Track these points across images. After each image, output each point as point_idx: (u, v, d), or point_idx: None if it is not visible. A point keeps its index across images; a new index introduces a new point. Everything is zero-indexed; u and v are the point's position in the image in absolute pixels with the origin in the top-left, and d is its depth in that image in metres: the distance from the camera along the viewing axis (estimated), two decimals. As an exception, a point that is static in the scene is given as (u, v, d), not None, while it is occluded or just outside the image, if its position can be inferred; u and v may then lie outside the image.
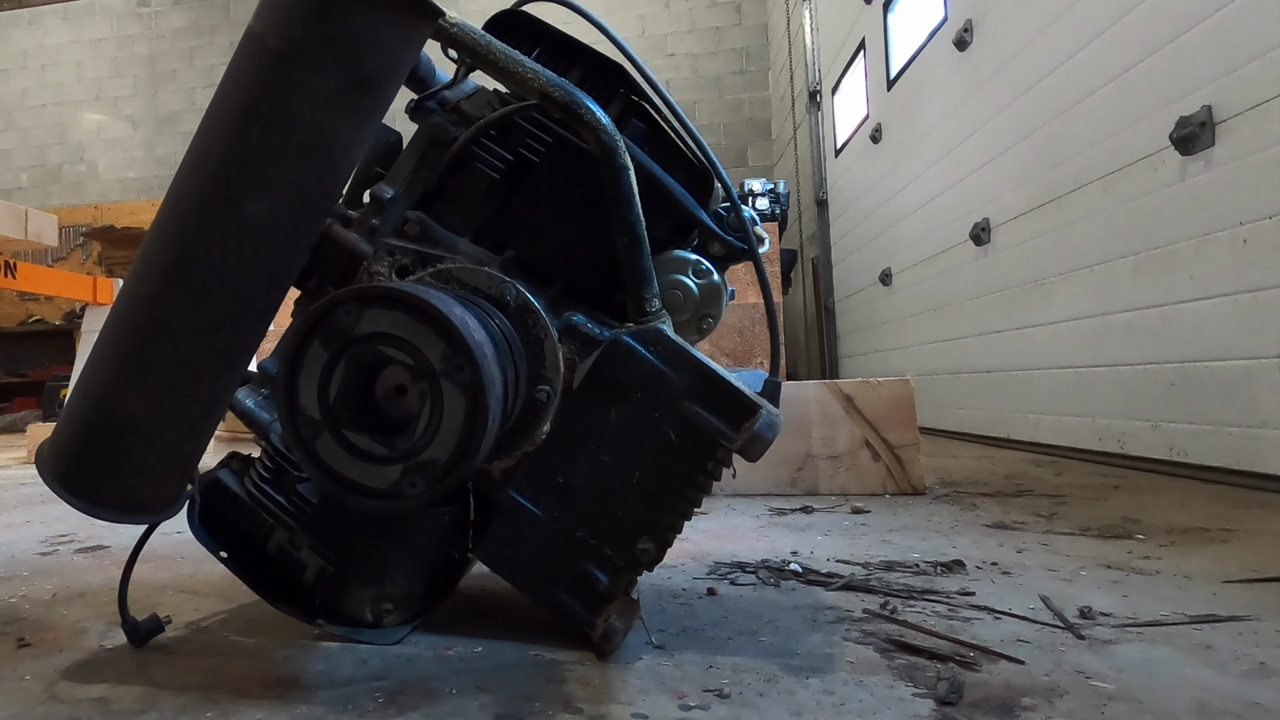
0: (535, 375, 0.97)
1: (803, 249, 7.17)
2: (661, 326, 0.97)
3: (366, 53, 0.86)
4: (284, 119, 0.85)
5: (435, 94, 1.03)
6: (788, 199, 6.63)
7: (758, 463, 0.95)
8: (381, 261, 1.00)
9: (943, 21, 4.15)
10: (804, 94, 6.74)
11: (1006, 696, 0.84)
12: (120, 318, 0.91)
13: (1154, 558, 1.43)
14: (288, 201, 0.87)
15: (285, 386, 0.82)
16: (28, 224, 4.02)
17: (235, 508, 1.05)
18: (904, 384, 2.25)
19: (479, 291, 0.97)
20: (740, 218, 1.04)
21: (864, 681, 0.88)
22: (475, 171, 1.01)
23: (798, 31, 6.83)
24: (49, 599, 1.28)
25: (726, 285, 1.05)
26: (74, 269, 8.52)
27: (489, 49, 0.92)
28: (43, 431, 3.79)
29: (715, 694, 0.86)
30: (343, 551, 1.01)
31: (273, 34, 0.84)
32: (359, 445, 0.81)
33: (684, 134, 1.01)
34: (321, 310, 0.80)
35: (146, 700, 0.86)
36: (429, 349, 0.79)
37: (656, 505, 0.95)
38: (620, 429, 0.95)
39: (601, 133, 0.91)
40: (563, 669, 0.94)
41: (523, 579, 1.00)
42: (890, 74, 5.02)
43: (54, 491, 0.90)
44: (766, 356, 3.59)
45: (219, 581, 1.34)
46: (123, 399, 0.89)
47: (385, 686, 0.89)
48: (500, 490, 0.98)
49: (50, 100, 9.36)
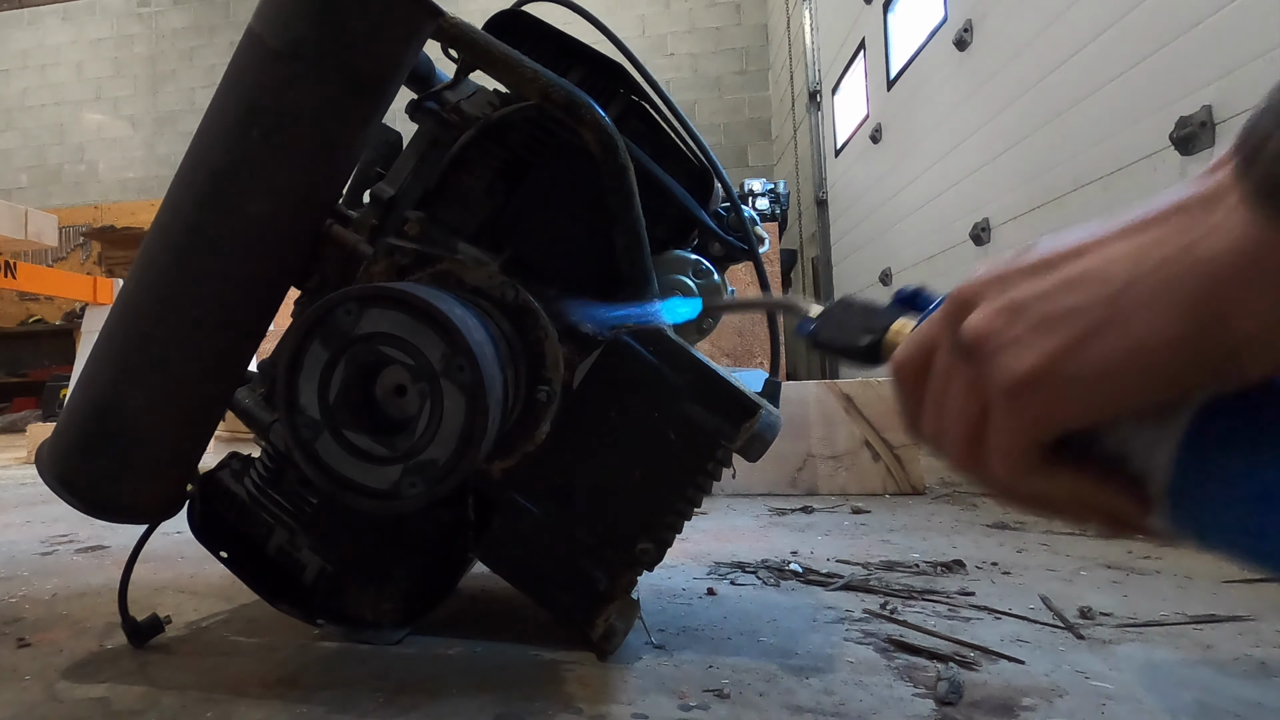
0: (535, 375, 0.97)
1: (803, 249, 7.17)
2: (662, 327, 0.97)
3: (367, 53, 0.86)
4: (284, 119, 0.85)
5: (435, 94, 1.03)
6: (788, 199, 6.63)
7: (758, 463, 0.95)
8: (381, 261, 1.00)
9: (943, 21, 4.15)
10: (804, 94, 6.74)
11: (1006, 696, 0.84)
12: (120, 318, 0.91)
13: (1154, 557, 1.43)
14: (288, 201, 0.87)
15: (285, 386, 0.82)
16: (28, 224, 4.02)
17: (235, 508, 1.05)
18: (904, 384, 2.24)
19: (479, 292, 0.97)
20: (740, 218, 1.04)
21: (864, 681, 0.88)
22: (475, 171, 1.01)
23: (798, 31, 6.83)
24: (49, 599, 1.28)
25: (726, 285, 1.05)
26: (74, 269, 8.52)
27: (489, 49, 0.92)
28: (43, 431, 3.79)
29: (715, 694, 0.86)
30: (343, 551, 1.01)
31: (273, 34, 0.84)
32: (359, 445, 0.81)
33: (684, 134, 1.01)
34: (321, 310, 0.80)
35: (146, 700, 0.86)
36: (429, 349, 0.79)
37: (656, 505, 0.95)
38: (620, 429, 0.95)
39: (601, 133, 0.91)
40: (563, 669, 0.94)
41: (522, 579, 1.00)
42: (890, 74, 5.02)
43: (54, 492, 0.90)
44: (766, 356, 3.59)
45: (219, 581, 1.34)
46: (123, 399, 0.89)
47: (385, 686, 0.89)
48: (500, 490, 0.98)
49: (50, 100, 9.36)
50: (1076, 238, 0.33)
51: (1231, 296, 0.27)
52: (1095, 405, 0.31)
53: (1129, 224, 0.31)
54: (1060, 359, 0.31)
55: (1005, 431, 0.33)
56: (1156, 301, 0.29)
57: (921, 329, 0.38)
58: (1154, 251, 0.29)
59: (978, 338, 0.33)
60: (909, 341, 0.39)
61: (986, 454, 0.34)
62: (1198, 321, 0.28)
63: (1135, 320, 0.29)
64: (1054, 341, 0.31)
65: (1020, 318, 0.32)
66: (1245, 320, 0.27)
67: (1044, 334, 0.31)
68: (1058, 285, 0.31)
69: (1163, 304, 0.29)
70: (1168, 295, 0.28)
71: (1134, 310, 0.29)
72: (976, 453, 0.34)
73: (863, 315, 0.49)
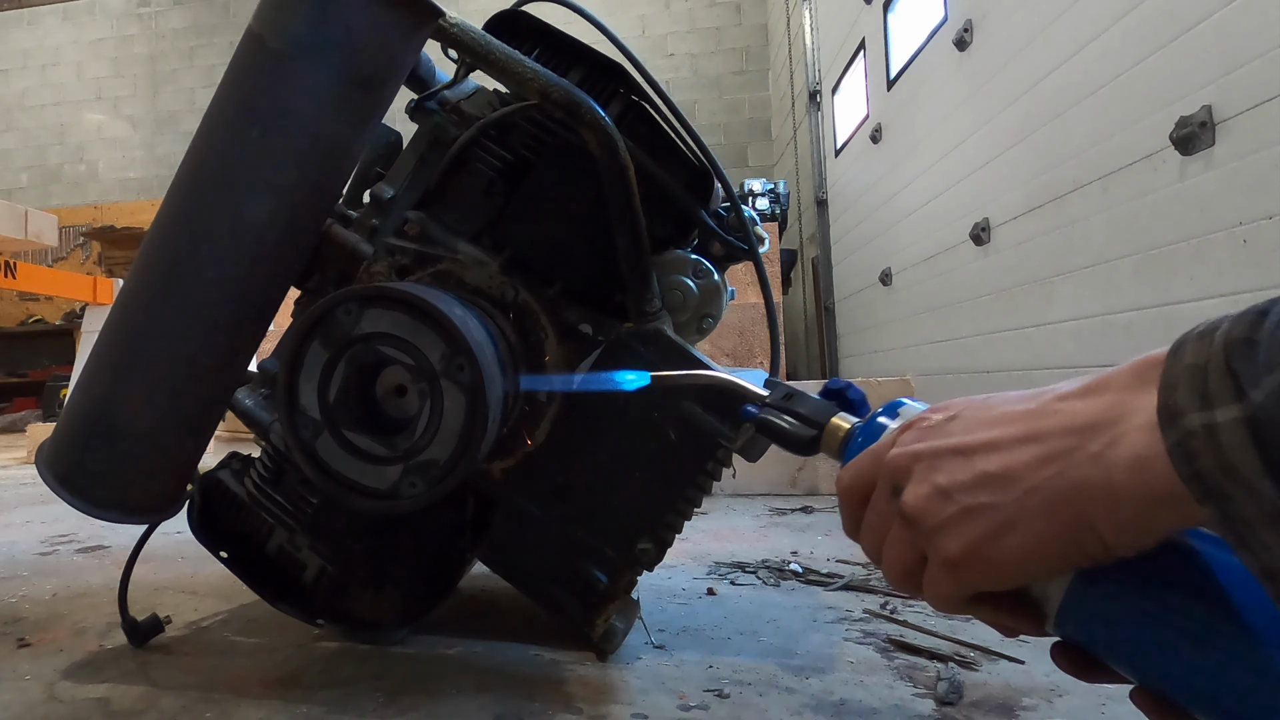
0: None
1: (803, 249, 7.17)
2: (661, 327, 0.97)
3: (366, 53, 0.86)
4: (284, 119, 0.85)
5: (435, 94, 1.03)
6: (788, 199, 6.63)
7: (758, 462, 0.95)
8: (381, 261, 1.00)
9: (943, 21, 4.15)
10: (804, 94, 6.74)
11: (1006, 696, 0.84)
12: (120, 318, 0.91)
13: (1154, 558, 1.43)
14: (288, 201, 0.87)
15: (285, 386, 0.82)
16: (28, 224, 4.02)
17: (235, 508, 1.05)
18: (904, 384, 2.25)
19: (479, 292, 0.97)
20: (740, 218, 1.03)
21: (864, 681, 0.88)
22: (475, 172, 1.01)
23: (798, 31, 6.82)
24: (49, 599, 1.28)
25: (726, 285, 1.05)
26: (74, 269, 8.52)
27: (489, 49, 0.92)
28: (43, 431, 3.79)
29: (715, 694, 0.86)
30: (343, 551, 1.01)
31: (273, 34, 0.84)
32: (359, 445, 0.81)
33: (684, 134, 1.01)
34: (321, 310, 0.80)
35: (146, 700, 0.86)
36: (429, 349, 0.79)
37: (656, 505, 0.95)
38: (620, 429, 0.95)
39: (601, 132, 0.91)
40: (563, 669, 0.94)
41: (523, 579, 1.00)
42: (890, 74, 5.02)
43: (54, 491, 0.90)
44: (766, 356, 3.59)
45: (219, 581, 1.34)
46: (123, 399, 0.89)
47: (385, 686, 0.89)
48: (500, 490, 0.98)
49: (50, 100, 9.36)
50: (987, 424, 0.43)
51: (1098, 515, 0.37)
52: (1011, 577, 0.42)
53: (1031, 429, 0.41)
54: (983, 545, 0.41)
55: (941, 584, 0.43)
56: (1047, 512, 0.39)
57: (862, 463, 0.49)
58: (1045, 468, 0.39)
59: (916, 514, 0.43)
60: (851, 470, 0.49)
61: (920, 586, 0.45)
62: (1076, 528, 0.38)
63: (1033, 523, 0.39)
64: (977, 530, 0.41)
65: (949, 503, 0.42)
66: (1108, 531, 0.37)
67: (968, 523, 0.41)
68: (976, 480, 0.41)
69: (1051, 514, 0.38)
70: (1054, 508, 0.38)
71: (1031, 516, 0.39)
72: (911, 584, 0.46)
73: (801, 406, 0.59)
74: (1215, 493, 0.33)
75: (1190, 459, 0.34)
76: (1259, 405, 0.32)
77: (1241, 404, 0.33)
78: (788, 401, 0.60)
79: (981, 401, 0.45)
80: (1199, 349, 0.35)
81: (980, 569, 0.41)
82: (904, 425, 0.48)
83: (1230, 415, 0.33)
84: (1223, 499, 0.33)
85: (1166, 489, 0.35)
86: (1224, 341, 0.34)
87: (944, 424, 0.45)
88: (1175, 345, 0.36)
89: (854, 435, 0.57)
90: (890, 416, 0.53)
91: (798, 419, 0.59)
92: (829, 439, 0.57)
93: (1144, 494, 0.36)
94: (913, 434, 0.46)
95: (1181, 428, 0.34)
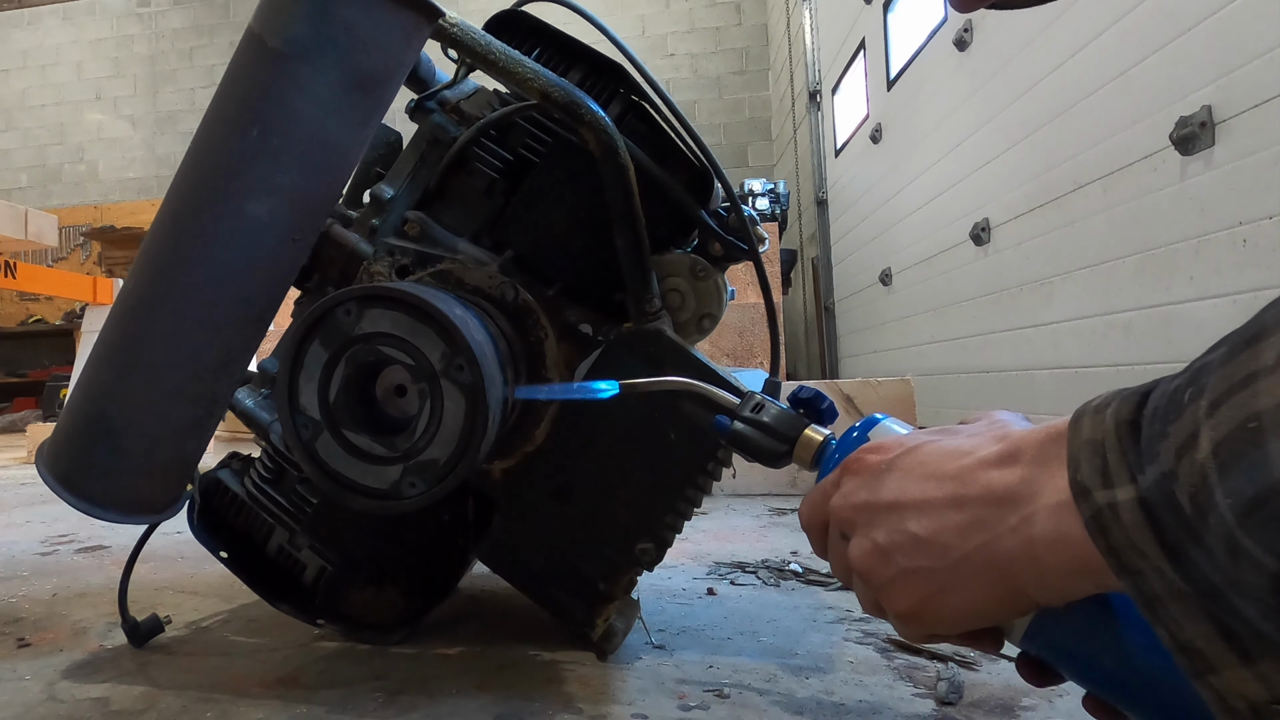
0: (535, 376, 0.97)
1: (803, 249, 7.17)
2: (661, 327, 0.97)
3: (366, 53, 0.86)
4: (284, 119, 0.85)
5: (435, 94, 1.03)
6: (788, 199, 6.62)
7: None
8: (381, 261, 1.00)
9: (943, 21, 4.15)
10: (804, 94, 6.74)
11: (1006, 696, 0.84)
12: (120, 318, 0.91)
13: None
14: (288, 201, 0.87)
15: (285, 386, 0.82)
16: (28, 224, 4.02)
17: (235, 508, 1.05)
18: (904, 384, 2.25)
19: (479, 292, 0.97)
20: (740, 218, 1.03)
21: (864, 681, 0.89)
22: (475, 171, 1.01)
23: (798, 31, 6.82)
24: (49, 599, 1.28)
25: (726, 285, 1.05)
26: (74, 269, 8.52)
27: (489, 49, 0.92)
28: (43, 431, 3.79)
29: (715, 694, 0.86)
30: (343, 551, 1.01)
31: (273, 34, 0.84)
32: (359, 445, 0.81)
33: (684, 134, 1.01)
34: (321, 310, 0.80)
35: (146, 700, 0.86)
36: (429, 349, 0.79)
37: (656, 505, 0.95)
38: (620, 429, 0.95)
39: (601, 133, 0.91)
40: (563, 669, 0.94)
41: (522, 579, 1.00)
42: (890, 74, 5.02)
43: (54, 491, 0.90)
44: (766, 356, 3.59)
45: (219, 581, 1.34)
46: (123, 399, 0.89)
47: (385, 686, 0.89)
48: (500, 490, 0.98)
49: (50, 100, 9.36)
50: (920, 479, 0.46)
51: (1028, 584, 0.40)
52: (958, 627, 0.45)
53: (955, 494, 0.43)
54: (927, 604, 0.44)
55: (899, 628, 0.47)
56: (980, 580, 0.42)
57: (815, 500, 0.52)
58: (973, 536, 0.42)
59: (862, 572, 0.47)
60: (807, 506, 0.53)
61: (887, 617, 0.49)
62: (1009, 592, 0.41)
63: (969, 589, 0.43)
64: (919, 592, 0.44)
65: (889, 564, 0.45)
66: (1039, 595, 0.41)
67: (911, 584, 0.45)
68: (911, 543, 0.44)
69: (984, 582, 0.42)
70: (986, 577, 0.42)
71: (966, 582, 0.43)
72: (880, 615, 0.49)
73: (772, 418, 0.60)
74: (1129, 568, 0.34)
75: (1104, 532, 0.35)
76: (1147, 489, 0.33)
77: (1135, 484, 0.34)
78: (758, 413, 0.60)
79: (916, 449, 0.47)
80: (1095, 424, 0.37)
81: (929, 622, 0.45)
82: (844, 468, 0.50)
83: (1129, 495, 0.34)
84: (1135, 574, 0.34)
85: (1086, 562, 0.37)
86: (1114, 422, 0.36)
87: (882, 475, 0.48)
88: (1075, 417, 0.38)
89: (828, 449, 0.59)
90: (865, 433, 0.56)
91: (769, 433, 0.60)
92: (801, 452, 0.59)
93: (1068, 567, 0.38)
94: (853, 482, 0.49)
95: (1094, 503, 0.35)
